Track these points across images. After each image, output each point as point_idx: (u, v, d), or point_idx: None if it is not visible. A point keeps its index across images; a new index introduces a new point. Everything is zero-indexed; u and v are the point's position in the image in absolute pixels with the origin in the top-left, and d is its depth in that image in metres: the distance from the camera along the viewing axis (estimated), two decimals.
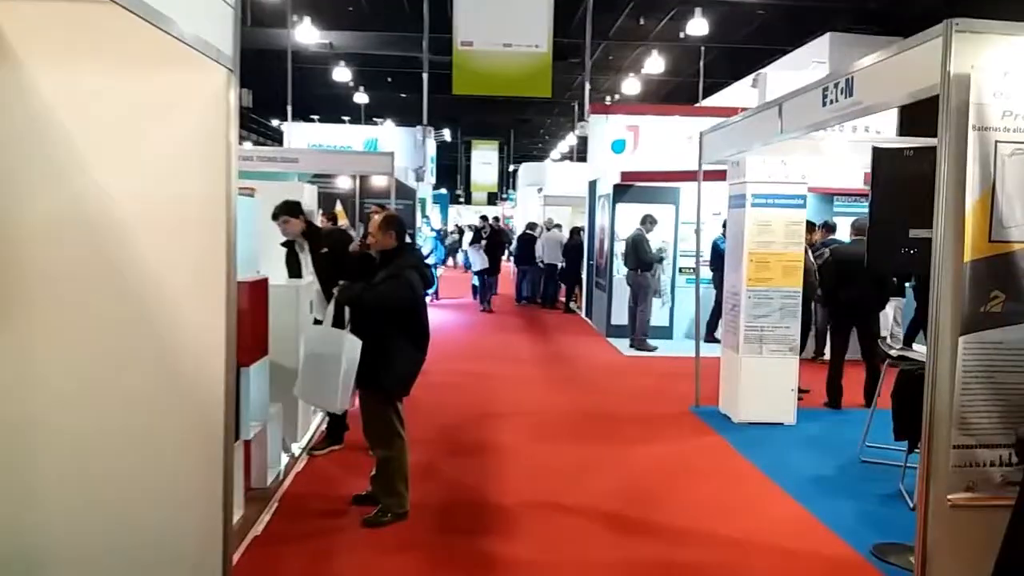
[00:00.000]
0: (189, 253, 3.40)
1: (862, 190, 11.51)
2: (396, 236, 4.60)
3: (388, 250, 4.54)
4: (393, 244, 4.55)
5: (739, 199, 7.09)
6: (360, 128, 18.80)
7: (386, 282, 4.41)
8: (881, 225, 4.52)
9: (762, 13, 21.87)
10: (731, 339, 7.17)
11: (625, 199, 11.67)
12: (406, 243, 4.72)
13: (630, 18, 22.74)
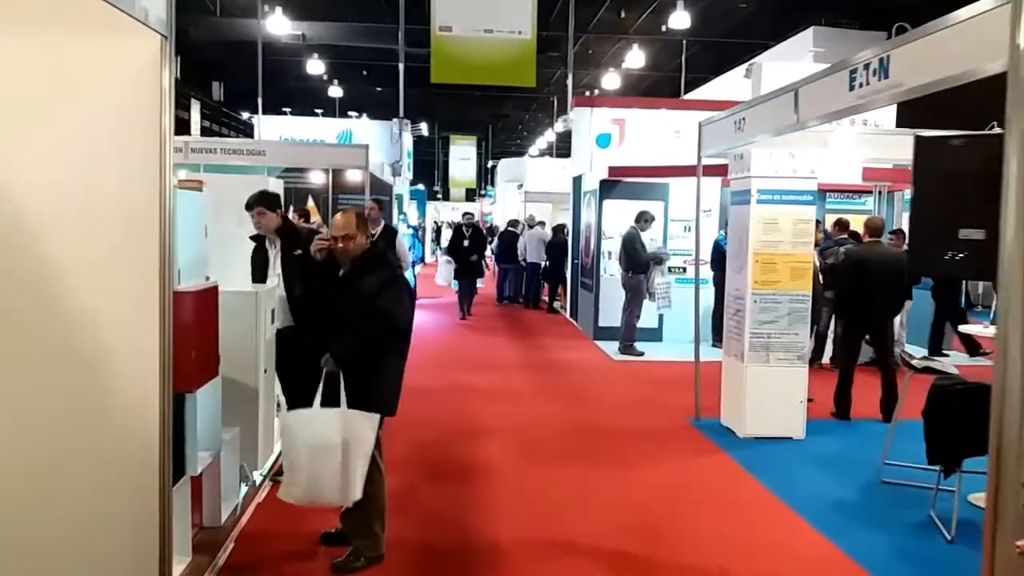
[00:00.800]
0: (112, 260, 2.74)
1: (857, 186, 11.03)
2: (368, 238, 4.00)
3: (365, 254, 3.91)
4: (367, 245, 3.93)
5: (743, 195, 6.51)
6: (334, 121, 18.08)
7: (382, 295, 3.77)
8: (925, 224, 3.96)
9: (744, 7, 21.46)
10: (734, 346, 6.60)
11: (613, 195, 11.08)
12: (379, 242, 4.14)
13: (610, 11, 22.19)
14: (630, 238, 9.81)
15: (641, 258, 9.76)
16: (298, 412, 3.83)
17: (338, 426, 3.68)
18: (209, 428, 3.99)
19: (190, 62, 26.57)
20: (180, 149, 9.44)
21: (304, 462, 3.68)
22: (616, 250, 11.31)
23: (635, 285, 9.87)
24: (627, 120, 12.89)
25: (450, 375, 8.78)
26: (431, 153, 38.54)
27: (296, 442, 3.70)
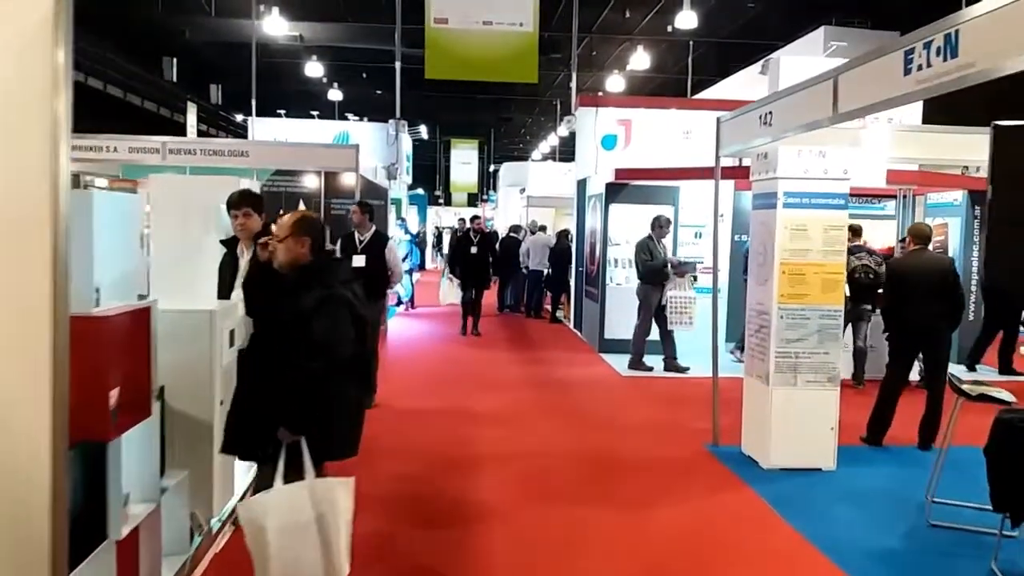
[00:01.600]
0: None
1: (878, 190, 10.33)
2: (312, 246, 3.30)
3: (306, 266, 3.25)
4: (308, 257, 3.26)
5: (767, 198, 5.82)
6: (330, 123, 17.41)
7: (316, 318, 3.11)
8: (1006, 228, 3.27)
9: (752, 6, 20.81)
10: (758, 366, 5.90)
11: (619, 199, 10.39)
12: (329, 254, 3.47)
13: (615, 12, 21.54)
14: (640, 246, 9.12)
15: (651, 267, 9.01)
16: (256, 500, 3.14)
17: (308, 501, 3.02)
18: (144, 477, 3.31)
19: (187, 64, 26.08)
20: (157, 150, 8.79)
21: (274, 550, 3.00)
22: (622, 257, 10.65)
23: (645, 295, 9.17)
24: (634, 121, 12.25)
25: (444, 394, 8.09)
26: (432, 157, 37.88)
27: (261, 531, 3.02)
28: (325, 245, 3.47)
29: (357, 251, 6.85)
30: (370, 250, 6.89)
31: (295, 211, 3.41)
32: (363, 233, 6.96)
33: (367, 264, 6.75)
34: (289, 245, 3.28)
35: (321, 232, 3.39)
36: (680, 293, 9.05)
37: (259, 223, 4.48)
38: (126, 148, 8.64)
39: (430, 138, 37.46)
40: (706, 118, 12.49)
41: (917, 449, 6.25)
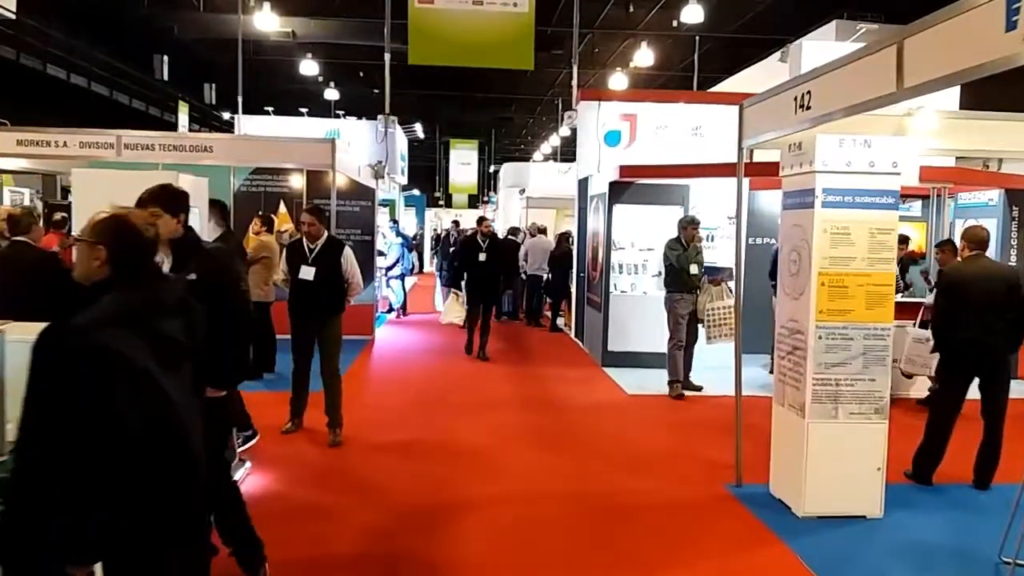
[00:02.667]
0: None
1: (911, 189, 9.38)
2: (112, 257, 2.22)
3: (101, 283, 2.20)
4: (103, 273, 2.21)
5: (801, 196, 4.89)
6: (320, 121, 16.49)
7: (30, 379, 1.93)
8: None
9: (760, 0, 19.92)
10: (791, 395, 4.96)
11: (624, 199, 9.44)
12: (135, 270, 2.25)
13: (618, 7, 20.65)
14: (666, 249, 8.14)
15: (674, 275, 8.01)
16: None
17: None
18: None
19: (180, 63, 25.21)
20: (112, 144, 7.87)
21: None
22: (627, 262, 9.71)
23: (668, 306, 8.13)
24: (639, 116, 11.31)
25: (426, 420, 7.13)
26: (432, 158, 36.96)
27: None
28: (137, 258, 2.28)
29: (307, 261, 5.96)
30: (322, 260, 6.00)
31: (106, 209, 2.28)
32: (314, 241, 6.04)
33: (318, 276, 5.94)
34: (80, 254, 2.24)
35: (126, 239, 2.24)
36: (717, 303, 8.01)
37: (173, 225, 3.51)
38: (76, 142, 7.70)
39: (429, 139, 36.59)
40: (717, 113, 11.60)
41: (973, 488, 5.32)
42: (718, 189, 9.54)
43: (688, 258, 7.94)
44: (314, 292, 5.92)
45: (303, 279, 5.92)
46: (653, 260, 9.31)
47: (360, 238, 11.25)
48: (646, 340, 9.19)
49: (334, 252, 6.02)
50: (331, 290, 5.99)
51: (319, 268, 5.91)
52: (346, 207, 11.20)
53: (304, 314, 6.07)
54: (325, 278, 5.93)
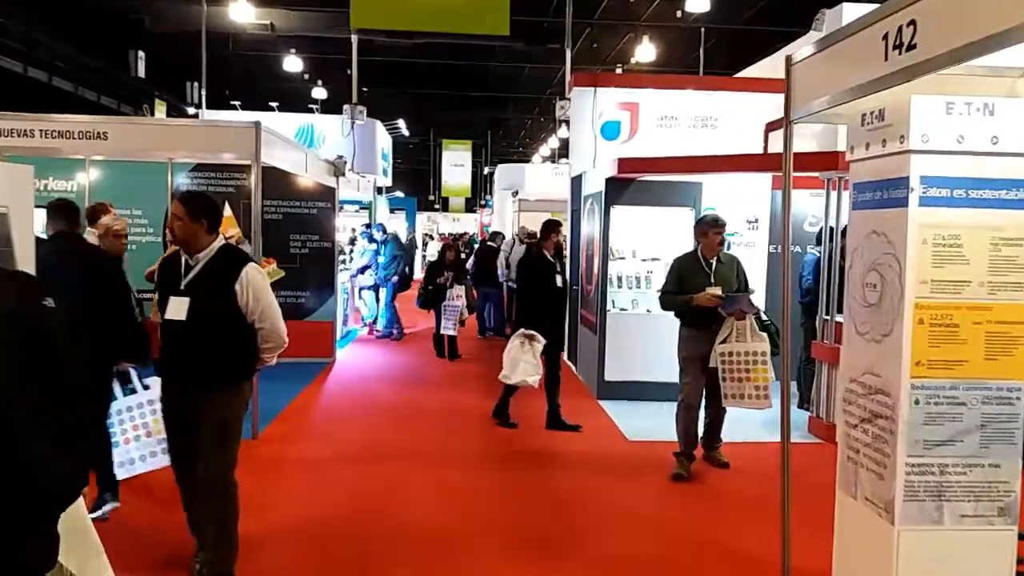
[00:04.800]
0: None
1: None
2: None
3: None
4: None
5: (883, 189, 3.25)
6: (292, 116, 14.90)
7: None
8: None
9: None
10: (868, 484, 3.31)
11: (623, 199, 7.78)
12: None
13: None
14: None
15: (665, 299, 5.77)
16: None
17: None
18: None
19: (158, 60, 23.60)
20: None
21: None
22: (628, 274, 8.07)
23: (678, 345, 5.79)
24: (641, 104, 9.71)
25: (364, 479, 5.47)
26: (426, 161, 35.32)
27: None
28: None
29: (179, 288, 3.61)
30: (201, 288, 3.59)
31: None
32: (194, 254, 3.63)
33: (193, 317, 3.53)
34: None
35: None
36: (738, 346, 5.35)
37: None
38: None
39: (423, 140, 34.97)
40: (732, 102, 9.97)
41: None
42: (736, 188, 7.92)
43: (692, 276, 5.57)
44: (184, 345, 3.58)
45: (170, 320, 3.58)
46: (659, 272, 7.65)
47: (318, 244, 9.64)
48: (651, 368, 7.54)
49: (225, 275, 3.56)
50: (212, 343, 3.55)
51: (195, 302, 3.55)
52: (300, 209, 9.60)
53: (171, 386, 3.72)
54: (204, 321, 3.54)
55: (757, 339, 5.39)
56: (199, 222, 3.59)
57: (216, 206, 3.72)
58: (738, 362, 5.42)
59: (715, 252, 5.68)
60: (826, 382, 6.80)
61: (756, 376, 5.35)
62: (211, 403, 3.57)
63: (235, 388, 3.66)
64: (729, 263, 5.74)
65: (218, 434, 3.59)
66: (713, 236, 5.67)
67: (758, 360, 5.36)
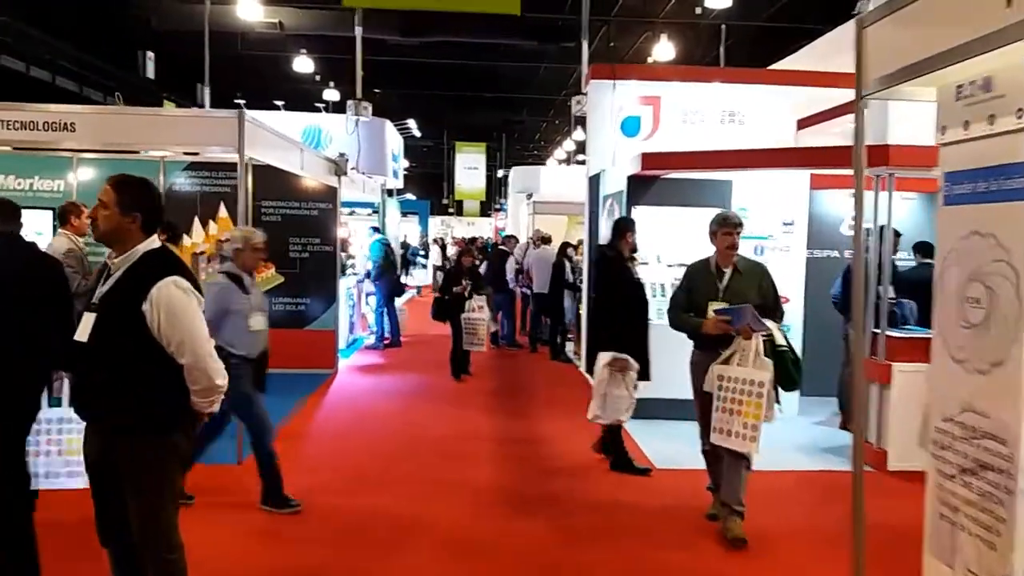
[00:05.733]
0: None
1: None
2: None
3: None
4: None
5: (988, 179, 2.55)
6: (297, 115, 14.29)
7: None
8: None
9: None
10: (973, 553, 2.58)
11: (647, 199, 7.08)
12: None
13: None
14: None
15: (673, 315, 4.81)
16: None
17: None
18: None
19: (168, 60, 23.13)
20: None
21: None
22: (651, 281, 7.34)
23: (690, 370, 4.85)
24: (663, 98, 8.99)
25: (367, 520, 4.79)
26: (440, 164, 34.74)
27: None
28: None
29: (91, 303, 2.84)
30: (111, 303, 2.78)
31: None
32: (119, 253, 2.85)
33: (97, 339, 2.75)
34: None
35: None
36: (738, 372, 4.29)
37: None
38: None
39: (437, 143, 34.40)
40: (760, 95, 9.26)
41: None
42: (770, 187, 7.22)
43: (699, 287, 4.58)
44: (89, 375, 2.82)
45: (76, 341, 2.81)
46: None
47: (319, 248, 9.00)
48: (678, 384, 6.80)
49: (137, 291, 2.73)
50: (121, 377, 2.75)
51: (101, 322, 2.75)
52: (300, 210, 8.98)
53: (88, 425, 2.94)
54: (109, 347, 2.74)
55: (760, 366, 4.23)
56: (131, 215, 2.80)
57: (158, 199, 2.99)
58: (732, 390, 4.29)
59: (729, 259, 4.54)
60: (876, 403, 6.07)
61: (747, 411, 4.19)
62: (129, 456, 2.78)
63: (157, 440, 2.79)
64: (750, 274, 4.57)
65: (142, 497, 2.80)
66: (723, 238, 4.54)
67: (753, 392, 4.19)
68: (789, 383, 4.35)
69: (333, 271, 9.02)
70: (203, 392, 2.82)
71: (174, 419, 2.84)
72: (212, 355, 2.81)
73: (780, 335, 4.41)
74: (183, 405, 2.83)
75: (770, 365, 4.24)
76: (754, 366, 4.23)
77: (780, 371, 4.28)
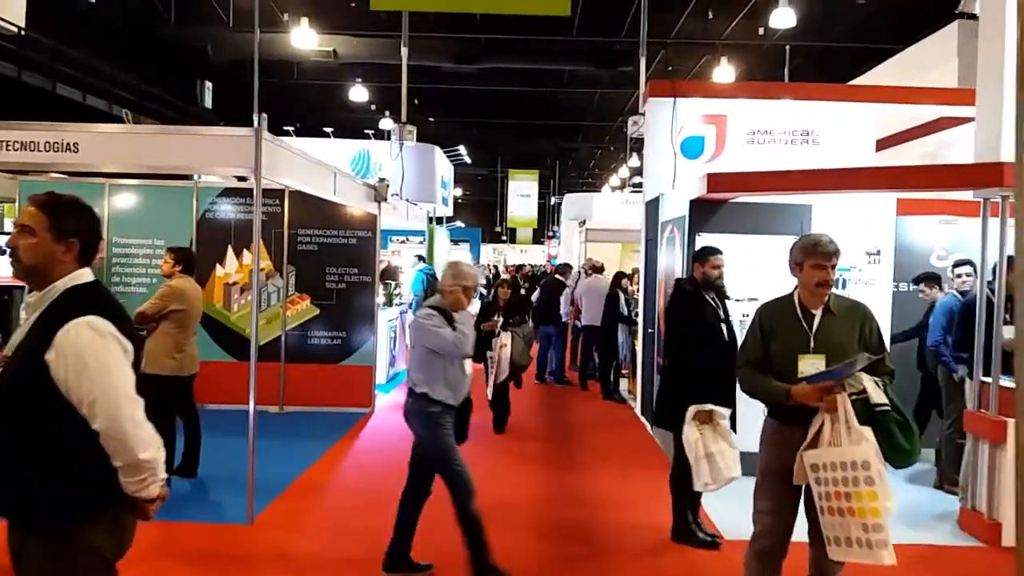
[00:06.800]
0: None
1: None
2: None
3: None
4: None
5: None
6: (346, 143, 13.88)
7: None
8: None
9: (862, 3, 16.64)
10: None
11: (712, 225, 6.23)
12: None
13: (695, 17, 17.65)
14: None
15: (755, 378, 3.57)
16: None
17: None
18: None
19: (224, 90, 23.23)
20: None
21: None
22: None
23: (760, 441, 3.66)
24: (729, 117, 8.21)
25: None
26: (493, 192, 34.28)
27: None
28: None
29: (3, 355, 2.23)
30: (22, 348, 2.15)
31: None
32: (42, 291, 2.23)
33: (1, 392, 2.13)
34: None
35: None
36: (830, 453, 3.17)
37: None
38: None
39: (492, 172, 33.99)
40: (835, 114, 8.34)
41: None
42: (853, 213, 6.33)
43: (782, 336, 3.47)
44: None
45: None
46: None
47: (356, 278, 8.38)
48: (747, 435, 5.93)
49: (43, 336, 2.10)
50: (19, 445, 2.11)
51: (6, 372, 2.15)
52: (339, 239, 8.39)
53: None
54: (9, 404, 2.12)
55: (856, 440, 3.10)
56: (66, 243, 2.20)
57: (98, 224, 2.34)
58: (834, 481, 3.13)
59: (820, 298, 3.44)
60: (986, 465, 5.09)
61: (861, 507, 3.06)
62: (25, 557, 2.12)
63: (60, 535, 2.10)
64: (847, 316, 3.44)
65: None
66: (812, 272, 3.38)
67: (860, 478, 3.05)
68: (899, 454, 3.21)
69: (371, 302, 8.38)
70: (128, 470, 2.12)
71: (87, 505, 2.12)
72: (135, 419, 2.12)
73: (878, 390, 3.26)
74: (105, 486, 2.12)
75: (869, 436, 3.12)
76: (850, 442, 3.12)
77: (884, 439, 3.17)
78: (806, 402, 3.23)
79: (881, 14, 16.77)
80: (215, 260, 8.21)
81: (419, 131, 27.00)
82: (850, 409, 3.16)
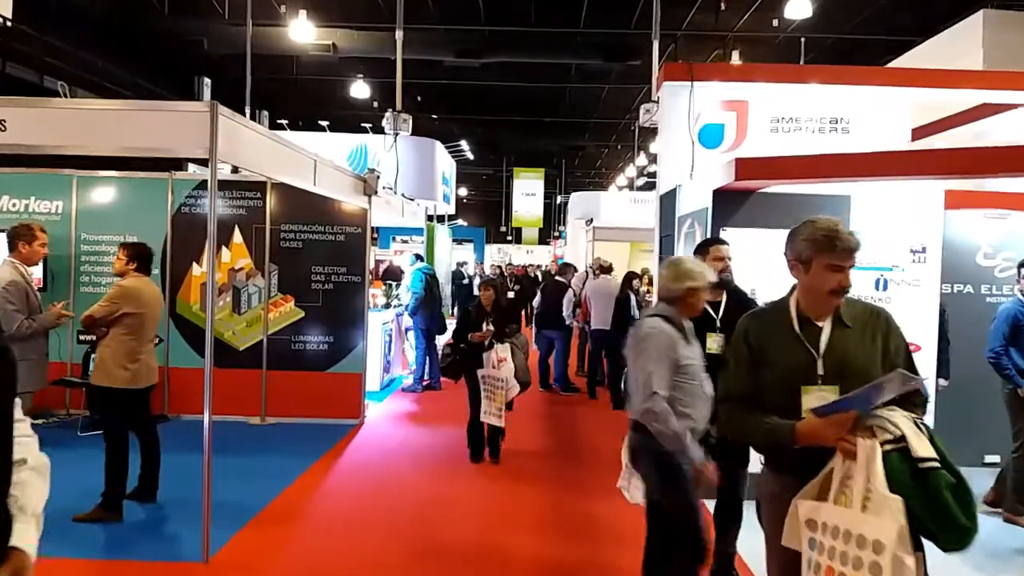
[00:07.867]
0: None
1: None
2: None
3: None
4: None
5: None
6: (345, 137, 13.19)
7: None
8: None
9: None
10: None
11: (738, 219, 5.49)
12: None
13: (705, 11, 16.89)
14: None
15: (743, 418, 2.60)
16: None
17: None
18: None
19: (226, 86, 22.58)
20: None
21: None
22: None
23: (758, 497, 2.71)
24: (751, 103, 7.43)
25: None
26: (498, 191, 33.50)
27: None
28: None
29: None
30: None
31: None
32: None
33: None
34: None
35: None
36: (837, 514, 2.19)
37: None
38: None
39: (496, 171, 33.24)
40: (867, 99, 7.62)
41: None
42: (896, 206, 5.57)
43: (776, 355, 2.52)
44: None
45: None
46: None
47: (345, 279, 7.66)
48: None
49: None
50: None
51: None
52: (325, 236, 7.67)
53: None
54: None
55: (877, 508, 2.11)
56: None
57: None
58: (830, 552, 2.19)
59: (831, 307, 2.50)
60: None
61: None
62: None
63: None
64: (864, 328, 2.49)
65: None
66: (824, 274, 2.46)
67: (864, 562, 2.09)
68: (952, 531, 2.11)
69: (361, 304, 7.65)
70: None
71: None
72: None
73: (921, 437, 2.19)
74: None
75: (896, 506, 2.07)
76: (866, 508, 2.13)
77: (930, 510, 2.10)
78: (812, 441, 2.30)
79: (902, 4, 16.00)
80: (192, 258, 7.51)
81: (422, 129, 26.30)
82: (879, 464, 2.12)
